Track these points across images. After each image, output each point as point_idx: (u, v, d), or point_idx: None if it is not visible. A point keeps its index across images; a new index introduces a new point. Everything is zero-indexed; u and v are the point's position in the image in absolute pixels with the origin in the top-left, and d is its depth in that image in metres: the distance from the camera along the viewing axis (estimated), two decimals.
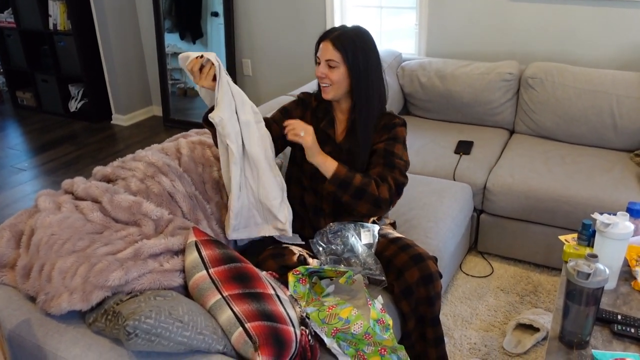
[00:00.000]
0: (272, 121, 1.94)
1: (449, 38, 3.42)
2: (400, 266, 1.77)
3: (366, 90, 1.80)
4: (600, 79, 2.80)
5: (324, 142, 1.86)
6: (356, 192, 1.75)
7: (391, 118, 1.88)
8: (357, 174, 1.77)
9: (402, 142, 1.86)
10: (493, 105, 3.05)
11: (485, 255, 2.80)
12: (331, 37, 1.76)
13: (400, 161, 1.83)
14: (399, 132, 1.86)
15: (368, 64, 1.78)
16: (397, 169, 1.81)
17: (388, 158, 1.82)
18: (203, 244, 1.47)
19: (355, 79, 1.78)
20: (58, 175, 3.85)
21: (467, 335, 2.27)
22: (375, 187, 1.76)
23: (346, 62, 1.75)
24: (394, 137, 1.85)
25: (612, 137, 2.80)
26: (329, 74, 1.77)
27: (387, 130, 1.85)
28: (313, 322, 1.55)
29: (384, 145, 1.83)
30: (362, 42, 1.77)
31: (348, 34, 1.76)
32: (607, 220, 1.61)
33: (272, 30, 4.06)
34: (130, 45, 4.63)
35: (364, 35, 1.79)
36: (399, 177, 1.81)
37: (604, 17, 2.97)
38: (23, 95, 5.23)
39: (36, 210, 1.61)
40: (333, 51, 1.75)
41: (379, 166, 1.81)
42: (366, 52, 1.77)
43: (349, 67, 1.76)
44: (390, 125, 1.86)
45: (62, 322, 1.37)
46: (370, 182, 1.76)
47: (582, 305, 1.40)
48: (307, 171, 1.89)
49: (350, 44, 1.75)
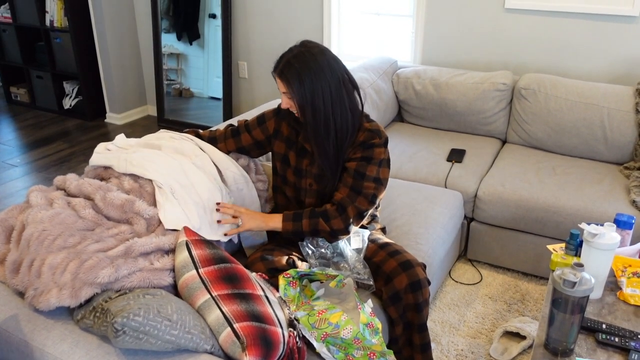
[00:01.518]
0: (245, 129, 1.95)
1: (445, 47, 3.45)
2: (389, 272, 1.78)
3: (313, 117, 1.69)
4: (591, 92, 2.83)
5: (301, 155, 1.85)
6: (311, 232, 1.77)
7: (371, 136, 1.76)
8: (304, 219, 1.75)
9: (377, 163, 1.75)
10: (486, 115, 3.08)
11: (475, 263, 2.82)
12: (278, 71, 1.69)
13: (370, 184, 1.75)
14: (375, 153, 1.75)
15: (314, 89, 1.66)
16: (362, 196, 1.75)
17: (357, 181, 1.75)
18: (194, 243, 1.47)
19: (302, 109, 1.70)
20: (50, 172, 3.84)
21: (454, 341, 2.29)
22: (325, 223, 1.74)
23: (292, 94, 1.68)
24: (368, 158, 1.75)
25: (602, 150, 2.83)
26: (291, 104, 1.73)
27: (362, 149, 1.75)
28: (303, 326, 1.56)
29: (356, 166, 1.75)
30: (305, 67, 1.65)
31: (290, 62, 1.66)
32: (595, 231, 1.63)
33: (269, 34, 4.07)
34: (127, 44, 4.63)
35: (307, 56, 1.66)
36: (361, 205, 1.75)
37: (597, 31, 3.01)
38: (17, 90, 5.21)
39: (28, 205, 1.61)
40: (282, 84, 1.69)
41: (345, 189, 1.76)
42: (311, 77, 1.65)
43: (296, 99, 1.68)
44: (368, 144, 1.75)
45: (50, 318, 1.37)
46: (318, 221, 1.74)
47: (568, 314, 1.42)
48: (290, 183, 1.90)
49: (292, 73, 1.66)
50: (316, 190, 1.84)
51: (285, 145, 1.88)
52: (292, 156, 1.87)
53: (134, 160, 1.72)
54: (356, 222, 1.79)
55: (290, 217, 1.78)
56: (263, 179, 2.06)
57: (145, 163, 1.71)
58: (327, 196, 1.84)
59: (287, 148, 1.88)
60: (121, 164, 1.73)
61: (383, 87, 3.20)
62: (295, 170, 1.86)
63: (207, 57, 4.37)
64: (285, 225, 1.77)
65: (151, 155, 1.75)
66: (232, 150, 1.97)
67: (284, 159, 1.89)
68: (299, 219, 1.77)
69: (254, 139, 1.94)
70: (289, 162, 1.88)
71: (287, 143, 1.88)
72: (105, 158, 1.78)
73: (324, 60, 1.68)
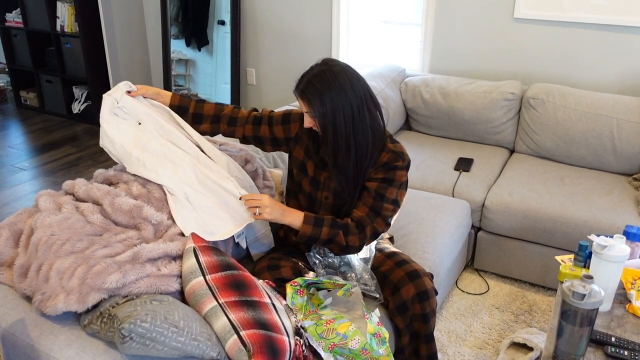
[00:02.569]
0: (267, 121, 1.88)
1: (453, 55, 3.45)
2: (396, 282, 1.78)
3: (334, 138, 1.66)
4: (601, 102, 2.82)
5: (321, 167, 1.81)
6: (326, 242, 1.73)
7: (395, 158, 1.74)
8: (324, 227, 1.70)
9: (397, 186, 1.75)
10: (494, 124, 3.07)
11: (482, 273, 2.81)
12: (299, 91, 1.66)
13: (389, 206, 1.74)
14: (397, 176, 1.74)
15: (335, 109, 1.62)
16: (380, 217, 1.74)
17: (377, 202, 1.73)
18: (201, 250, 1.47)
19: (323, 129, 1.67)
20: (58, 176, 3.86)
21: (460, 352, 2.27)
22: (343, 237, 1.71)
23: (313, 114, 1.65)
24: (389, 180, 1.74)
25: (611, 160, 2.82)
26: (313, 123, 1.69)
27: (384, 170, 1.74)
28: (310, 336, 1.55)
29: (377, 187, 1.74)
30: (326, 86, 1.61)
31: (312, 81, 1.63)
32: (604, 243, 1.61)
33: (277, 42, 4.09)
34: (136, 49, 4.66)
35: (329, 75, 1.62)
36: (379, 226, 1.74)
37: (607, 42, 3.00)
38: (27, 95, 5.25)
39: (36, 209, 1.62)
40: (303, 104, 1.66)
41: (365, 208, 1.74)
42: (332, 97, 1.62)
43: (317, 118, 1.65)
44: (391, 166, 1.73)
45: (57, 323, 1.37)
46: (338, 233, 1.71)
47: (577, 326, 1.40)
48: (305, 192, 1.86)
49: (313, 93, 1.62)
50: (332, 204, 1.81)
51: (305, 153, 1.84)
52: (311, 166, 1.83)
53: (147, 163, 1.71)
54: (369, 242, 1.78)
55: (311, 221, 1.71)
56: (270, 184, 2.06)
57: (159, 168, 1.71)
58: (342, 212, 1.81)
59: (305, 156, 1.84)
60: (133, 163, 1.72)
61: (391, 95, 3.20)
62: (313, 180, 1.83)
63: (216, 64, 4.39)
64: (305, 228, 1.71)
65: (163, 160, 1.75)
66: (249, 136, 1.89)
67: (302, 167, 1.85)
68: (319, 225, 1.71)
69: (272, 134, 1.88)
70: (306, 171, 1.84)
71: (306, 151, 1.84)
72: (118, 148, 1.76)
73: (346, 78, 1.64)
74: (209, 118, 1.90)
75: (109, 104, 1.79)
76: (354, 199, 1.77)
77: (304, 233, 1.71)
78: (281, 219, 1.71)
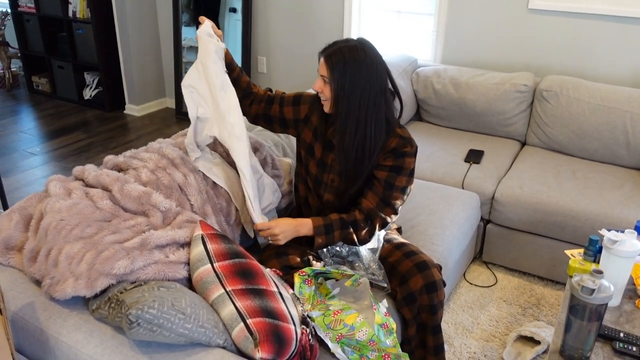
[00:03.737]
0: (278, 101, 1.90)
1: (466, 46, 3.41)
2: (405, 273, 1.77)
3: (346, 113, 1.68)
4: (615, 96, 2.79)
5: (328, 149, 1.82)
6: (339, 241, 1.78)
7: (403, 144, 1.75)
8: (335, 231, 1.73)
9: (407, 174, 1.76)
10: (506, 116, 3.04)
11: (490, 266, 2.80)
12: (326, 53, 1.68)
13: (399, 195, 1.76)
14: (406, 163, 1.75)
15: (354, 86, 1.65)
16: (389, 207, 1.76)
17: (387, 192, 1.75)
18: (209, 237, 1.47)
19: (336, 100, 1.68)
20: (68, 161, 3.88)
21: (467, 344, 2.27)
22: (354, 233, 1.75)
23: (331, 81, 1.67)
24: (398, 168, 1.74)
25: (624, 155, 2.79)
26: (323, 88, 1.71)
27: (393, 157, 1.74)
28: (318, 326, 1.55)
29: (386, 176, 1.74)
30: (354, 62, 1.63)
31: (342, 51, 1.64)
32: (615, 237, 1.60)
33: (289, 30, 4.07)
34: (148, 36, 4.65)
35: (360, 53, 1.65)
36: (387, 215, 1.77)
37: (622, 34, 2.96)
38: (39, 80, 5.27)
39: (46, 194, 1.62)
40: (325, 67, 1.67)
41: (375, 198, 1.75)
42: (355, 74, 1.64)
43: (334, 87, 1.67)
44: (400, 152, 1.74)
45: (65, 307, 1.38)
46: (349, 232, 1.74)
47: (585, 321, 1.39)
48: (312, 174, 1.87)
49: (339, 62, 1.64)
50: (337, 187, 1.82)
51: (313, 135, 1.85)
52: (318, 148, 1.84)
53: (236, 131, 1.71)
54: (378, 231, 1.80)
55: (322, 230, 1.74)
56: (279, 174, 2.05)
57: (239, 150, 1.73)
58: (347, 196, 1.81)
59: (313, 138, 1.85)
60: (224, 133, 1.73)
61: (402, 85, 3.17)
62: (320, 162, 1.84)
63: None
64: (318, 240, 1.74)
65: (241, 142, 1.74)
66: (260, 114, 1.91)
67: (309, 149, 1.86)
68: (330, 232, 1.74)
69: (282, 114, 1.89)
70: (313, 152, 1.85)
71: (314, 133, 1.85)
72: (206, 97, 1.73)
73: (375, 65, 1.66)
74: (241, 91, 1.90)
75: (214, 47, 1.71)
76: (358, 182, 1.78)
77: (318, 245, 1.76)
78: (297, 235, 1.75)
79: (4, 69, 5.39)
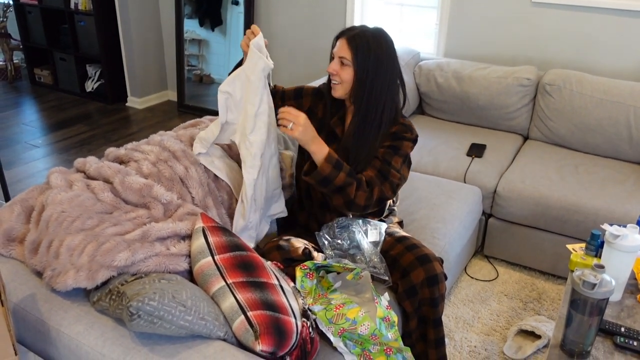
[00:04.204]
0: (279, 96, 1.92)
1: (469, 40, 3.40)
2: (406, 266, 1.77)
3: (368, 96, 1.73)
4: (618, 90, 2.77)
5: (331, 139, 1.84)
6: (336, 189, 1.70)
7: (404, 129, 1.79)
8: (342, 172, 1.68)
9: (402, 155, 1.78)
10: (509, 110, 3.03)
11: (491, 260, 2.79)
12: (348, 35, 1.72)
13: (396, 174, 1.76)
14: (403, 146, 1.78)
15: (377, 69, 1.71)
16: (388, 182, 1.74)
17: (384, 166, 1.75)
18: (210, 230, 1.47)
19: (359, 82, 1.72)
20: (70, 154, 3.88)
21: (468, 337, 2.27)
22: (354, 190, 1.70)
23: (355, 63, 1.70)
24: (395, 148, 1.77)
25: (626, 149, 2.78)
26: (340, 71, 1.73)
27: (392, 139, 1.78)
28: (320, 321, 1.55)
29: (383, 153, 1.77)
30: (378, 46, 1.71)
31: (365, 35, 1.71)
32: (617, 232, 1.59)
33: (291, 22, 4.05)
34: (150, 29, 4.64)
35: (382, 39, 1.73)
36: (386, 191, 1.74)
37: (626, 28, 2.94)
38: (41, 72, 5.27)
39: (48, 186, 1.62)
40: (347, 49, 1.71)
41: (374, 170, 1.76)
42: (379, 57, 1.71)
43: (356, 69, 1.71)
44: (399, 136, 1.78)
45: (66, 299, 1.38)
46: (352, 183, 1.69)
47: (586, 315, 1.39)
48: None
49: (364, 45, 1.69)
50: None
51: (317, 126, 1.85)
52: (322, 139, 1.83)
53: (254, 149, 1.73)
54: (373, 208, 1.77)
55: (332, 161, 1.68)
56: (281, 167, 2.05)
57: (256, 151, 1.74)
58: None
59: (317, 130, 1.83)
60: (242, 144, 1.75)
61: (404, 78, 3.15)
62: None
63: (229, 44, 4.36)
64: (324, 166, 1.67)
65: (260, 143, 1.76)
66: None
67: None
68: (339, 168, 1.69)
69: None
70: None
71: (319, 125, 1.85)
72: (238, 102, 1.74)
73: (393, 51, 1.75)
74: None
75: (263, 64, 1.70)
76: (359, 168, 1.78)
77: (321, 170, 1.68)
78: (308, 143, 1.68)
79: (6, 61, 5.39)
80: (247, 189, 1.75)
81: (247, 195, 1.76)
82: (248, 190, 1.75)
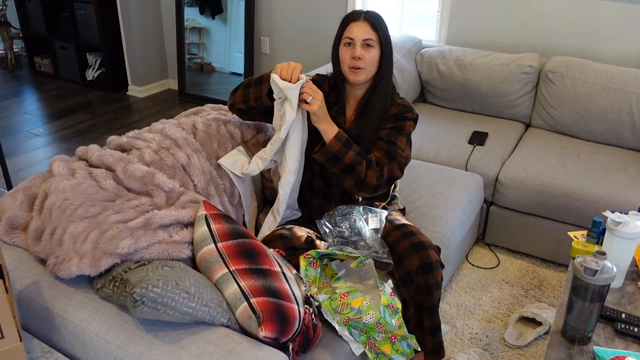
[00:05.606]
0: None
1: (471, 27, 3.38)
2: (402, 253, 1.78)
3: (389, 73, 1.81)
4: (621, 77, 2.76)
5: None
6: (346, 167, 1.72)
7: (404, 110, 1.84)
8: (351, 150, 1.71)
9: (406, 135, 1.82)
10: (511, 98, 3.02)
11: (493, 247, 2.80)
12: (366, 17, 1.74)
13: (402, 153, 1.80)
14: (406, 126, 1.82)
15: (391, 46, 1.79)
16: (396, 161, 1.78)
17: (390, 146, 1.79)
18: (213, 217, 1.48)
19: (387, 58, 1.78)
20: (72, 142, 3.88)
21: (469, 324, 2.28)
22: (365, 169, 1.72)
23: (381, 43, 1.75)
24: (399, 128, 1.81)
25: (629, 137, 2.77)
26: (365, 55, 1.73)
27: (394, 120, 1.82)
28: (325, 310, 1.56)
29: (388, 134, 1.80)
30: (385, 24, 1.79)
31: (375, 14, 1.77)
32: (618, 219, 1.60)
33: (292, 10, 4.03)
34: (150, 17, 4.62)
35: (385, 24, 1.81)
36: (395, 170, 1.77)
37: (629, 15, 2.92)
38: (41, 61, 5.25)
39: (50, 174, 1.62)
40: (370, 30, 1.73)
41: (380, 152, 1.78)
42: (389, 34, 1.79)
43: (383, 48, 1.75)
44: (401, 116, 1.82)
45: (70, 286, 1.39)
46: (362, 162, 1.71)
47: (587, 302, 1.40)
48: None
49: (380, 21, 1.76)
50: None
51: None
52: None
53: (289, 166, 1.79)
54: (384, 188, 1.78)
55: (342, 139, 1.72)
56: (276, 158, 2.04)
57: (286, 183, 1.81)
58: None
59: None
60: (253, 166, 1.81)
61: (406, 66, 3.15)
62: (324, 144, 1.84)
63: (229, 32, 4.34)
64: (334, 143, 1.71)
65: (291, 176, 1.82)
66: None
67: (314, 134, 1.84)
68: (348, 147, 1.71)
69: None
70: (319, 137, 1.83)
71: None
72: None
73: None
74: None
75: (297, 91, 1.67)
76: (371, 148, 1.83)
77: (331, 147, 1.71)
78: (320, 120, 1.71)
79: (6, 49, 5.37)
80: (280, 205, 1.82)
81: (280, 211, 1.83)
82: (281, 206, 1.82)
